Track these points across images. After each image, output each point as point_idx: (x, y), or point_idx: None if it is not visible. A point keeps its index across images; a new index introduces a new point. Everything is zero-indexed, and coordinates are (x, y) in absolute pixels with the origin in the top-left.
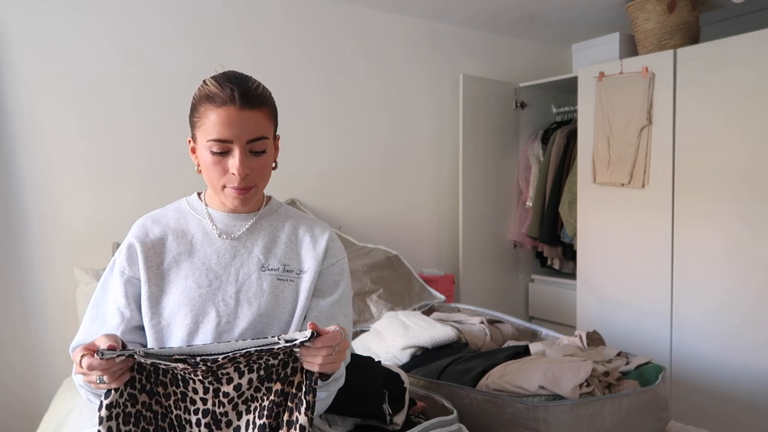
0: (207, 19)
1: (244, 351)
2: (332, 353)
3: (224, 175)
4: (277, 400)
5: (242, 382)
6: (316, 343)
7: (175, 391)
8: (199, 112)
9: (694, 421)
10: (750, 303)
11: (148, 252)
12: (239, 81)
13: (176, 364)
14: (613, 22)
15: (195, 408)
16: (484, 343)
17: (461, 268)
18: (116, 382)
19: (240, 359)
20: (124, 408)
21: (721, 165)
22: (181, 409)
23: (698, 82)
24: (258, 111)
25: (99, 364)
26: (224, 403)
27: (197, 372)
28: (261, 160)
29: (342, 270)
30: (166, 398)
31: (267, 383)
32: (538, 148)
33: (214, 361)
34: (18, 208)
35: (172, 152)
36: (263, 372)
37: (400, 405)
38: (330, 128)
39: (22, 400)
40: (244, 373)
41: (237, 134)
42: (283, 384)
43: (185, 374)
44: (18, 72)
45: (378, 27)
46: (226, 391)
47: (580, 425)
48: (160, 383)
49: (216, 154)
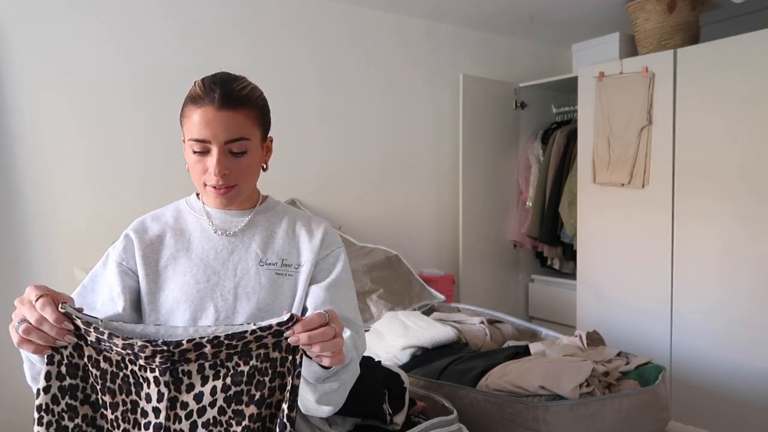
0: (207, 19)
1: (212, 337)
2: (326, 339)
3: (205, 173)
4: (253, 426)
5: (205, 390)
6: (296, 329)
7: (124, 400)
8: (184, 112)
9: (694, 421)
10: (750, 303)
11: (146, 249)
12: (224, 82)
13: (134, 340)
14: (613, 22)
15: (146, 422)
16: (484, 343)
17: (461, 268)
18: (26, 344)
19: (206, 347)
20: (59, 419)
21: (722, 165)
22: (130, 422)
23: (698, 82)
24: (238, 112)
25: (55, 319)
26: (181, 418)
27: (154, 361)
28: (242, 161)
29: (338, 258)
30: (113, 409)
31: (236, 405)
32: (538, 148)
33: (178, 344)
34: (18, 208)
35: (172, 152)
36: (230, 381)
37: (400, 405)
38: (330, 128)
39: (24, 400)
40: (208, 379)
41: (214, 134)
42: (259, 408)
43: (139, 370)
44: (18, 72)
45: (378, 27)
46: (184, 401)
47: (580, 425)
48: (108, 391)
49: (197, 153)
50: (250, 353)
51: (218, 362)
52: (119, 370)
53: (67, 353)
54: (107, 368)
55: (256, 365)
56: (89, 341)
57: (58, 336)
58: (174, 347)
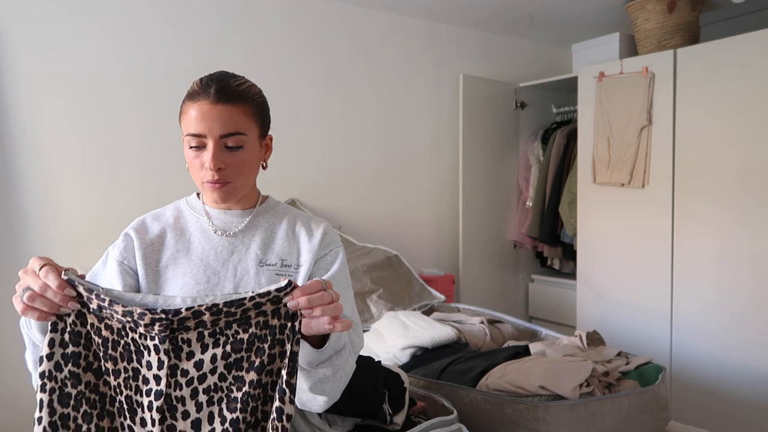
0: (204, 19)
1: (211, 305)
2: (325, 303)
3: (201, 169)
4: (254, 392)
5: (204, 357)
6: (295, 294)
7: (126, 367)
8: (182, 109)
9: (694, 421)
10: (750, 303)
11: (146, 249)
12: (221, 78)
13: (134, 308)
14: (613, 22)
15: (147, 388)
16: (484, 343)
17: (461, 268)
18: (30, 311)
19: (205, 315)
20: (62, 386)
21: (722, 164)
22: (132, 389)
23: (698, 82)
24: (234, 106)
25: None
26: (182, 385)
27: (153, 329)
28: (238, 156)
29: (336, 257)
30: (115, 375)
31: (236, 371)
32: (538, 148)
33: (177, 313)
34: (18, 208)
35: (171, 152)
36: (230, 348)
37: (400, 405)
38: (330, 128)
39: (24, 399)
40: (208, 347)
41: (209, 128)
42: (259, 374)
43: (139, 338)
44: (18, 72)
45: (377, 27)
46: (185, 369)
47: (580, 425)
48: (110, 358)
49: (193, 148)
50: (249, 321)
51: (217, 330)
52: (120, 338)
53: (70, 321)
54: (108, 336)
55: (255, 332)
56: (91, 309)
57: (62, 302)
58: (173, 315)
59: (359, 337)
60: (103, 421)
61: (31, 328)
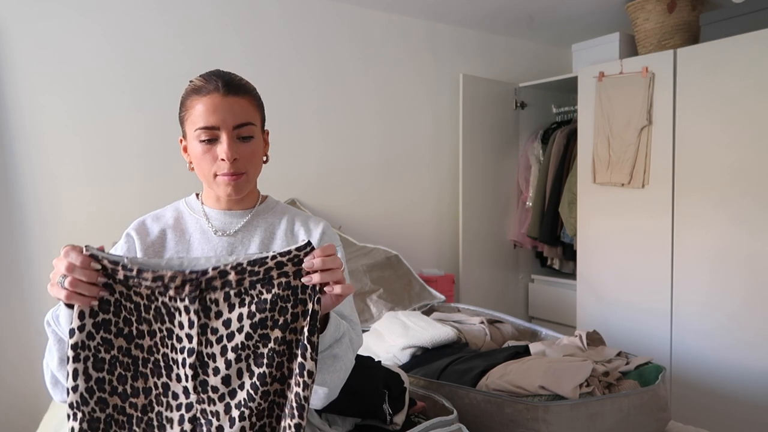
0: (205, 19)
1: (236, 263)
2: (339, 268)
3: (214, 162)
4: (279, 348)
5: (232, 316)
6: (316, 255)
7: (160, 328)
8: (186, 106)
9: (694, 421)
10: (750, 303)
11: (148, 250)
12: (222, 74)
13: (164, 272)
14: (613, 22)
15: (181, 346)
16: (484, 343)
17: (461, 268)
18: (75, 297)
19: (230, 273)
20: (96, 353)
21: (722, 164)
22: (168, 347)
23: (698, 82)
24: (242, 98)
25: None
26: (212, 343)
27: (183, 290)
28: (249, 147)
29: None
30: (151, 336)
31: (261, 329)
32: (538, 148)
33: (204, 272)
34: (18, 207)
35: (171, 152)
36: (254, 308)
37: (400, 405)
38: (330, 128)
39: (24, 399)
40: (234, 306)
41: (223, 119)
42: (284, 331)
43: (169, 301)
44: (18, 72)
45: (377, 27)
46: (214, 327)
47: (580, 425)
48: (144, 321)
49: (204, 142)
50: (272, 281)
51: (242, 290)
52: (150, 302)
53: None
54: (140, 301)
55: (278, 293)
56: (118, 279)
57: (90, 279)
58: (201, 275)
59: (358, 336)
60: (137, 382)
61: (59, 324)
